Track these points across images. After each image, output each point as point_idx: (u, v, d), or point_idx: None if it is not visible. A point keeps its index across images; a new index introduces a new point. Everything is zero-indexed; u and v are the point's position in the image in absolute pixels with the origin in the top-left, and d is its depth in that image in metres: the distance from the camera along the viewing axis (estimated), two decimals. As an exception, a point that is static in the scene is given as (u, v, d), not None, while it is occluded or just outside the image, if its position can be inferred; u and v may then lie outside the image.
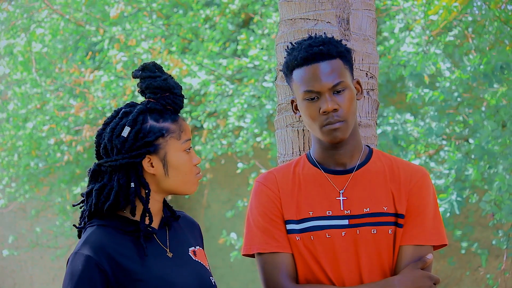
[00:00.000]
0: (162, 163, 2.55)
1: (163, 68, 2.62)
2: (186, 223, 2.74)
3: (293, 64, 2.67)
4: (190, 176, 2.58)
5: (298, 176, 2.75)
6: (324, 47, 2.65)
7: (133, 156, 2.52)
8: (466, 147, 5.95)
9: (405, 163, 2.76)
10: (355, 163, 2.73)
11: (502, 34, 5.76)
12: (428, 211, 2.70)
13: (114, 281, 2.46)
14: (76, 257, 2.47)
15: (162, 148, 2.54)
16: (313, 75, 2.64)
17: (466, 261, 7.28)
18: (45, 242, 9.34)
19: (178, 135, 2.56)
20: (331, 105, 2.61)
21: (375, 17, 3.14)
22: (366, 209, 2.68)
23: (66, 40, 8.49)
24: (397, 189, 2.70)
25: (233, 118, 6.92)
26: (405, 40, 6.22)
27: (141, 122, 2.53)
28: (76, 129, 8.10)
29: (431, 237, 2.69)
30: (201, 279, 2.60)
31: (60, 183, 8.50)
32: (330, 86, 2.63)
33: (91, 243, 2.48)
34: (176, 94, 2.58)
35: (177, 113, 2.60)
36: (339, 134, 2.64)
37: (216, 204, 8.79)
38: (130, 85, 7.47)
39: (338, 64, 2.65)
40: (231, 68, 7.10)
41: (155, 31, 7.59)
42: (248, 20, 7.95)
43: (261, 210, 2.73)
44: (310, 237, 2.68)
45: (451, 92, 5.96)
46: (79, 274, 2.44)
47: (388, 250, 2.68)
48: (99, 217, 2.56)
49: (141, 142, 2.52)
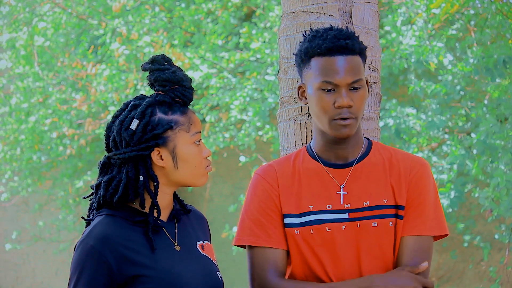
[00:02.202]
0: (172, 155, 2.55)
1: (172, 61, 2.61)
2: (195, 217, 2.73)
3: (314, 52, 2.64)
4: (199, 168, 2.58)
5: (298, 170, 2.74)
6: (350, 41, 2.63)
7: (142, 148, 2.52)
8: (468, 141, 5.95)
9: (405, 154, 2.76)
10: (356, 156, 2.73)
11: (504, 28, 5.75)
12: (428, 202, 2.70)
13: (117, 272, 2.46)
14: (82, 246, 2.48)
15: (171, 141, 2.54)
16: (334, 67, 2.62)
17: (469, 254, 7.29)
18: (48, 236, 9.35)
19: (187, 127, 2.56)
20: (347, 100, 2.61)
21: (377, 10, 3.14)
22: (366, 203, 2.67)
23: (68, 34, 8.49)
24: (397, 181, 2.70)
25: (236, 111, 6.92)
26: (407, 34, 6.22)
27: (150, 115, 2.53)
28: (79, 122, 8.10)
29: (432, 227, 2.69)
30: (208, 274, 2.60)
31: (63, 177, 8.51)
32: (349, 81, 2.62)
33: (96, 233, 2.48)
34: (185, 87, 2.58)
35: (186, 106, 2.59)
36: (347, 130, 2.63)
37: (219, 197, 8.80)
38: (132, 78, 7.48)
39: (359, 61, 2.65)
40: (233, 61, 7.10)
41: (157, 24, 7.59)
42: (250, 13, 7.94)
43: (257, 203, 2.73)
44: (309, 231, 2.67)
45: (453, 86, 5.96)
46: (83, 264, 2.46)
47: (389, 243, 2.68)
48: (109, 207, 2.56)
49: (150, 134, 2.52)
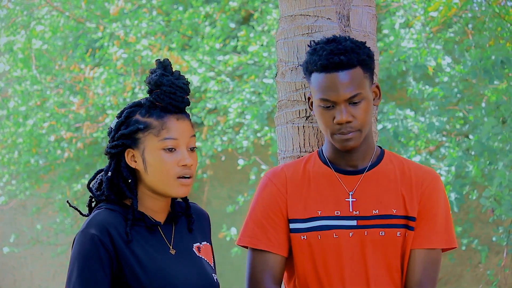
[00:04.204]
0: (142, 158, 2.54)
1: (170, 66, 2.59)
2: (196, 216, 2.70)
3: (312, 68, 2.65)
4: (167, 177, 2.53)
5: (308, 174, 2.73)
6: (345, 56, 2.60)
7: (113, 146, 2.56)
8: (466, 143, 5.95)
9: (417, 165, 2.75)
10: (367, 164, 2.72)
11: (502, 31, 5.76)
12: (440, 215, 2.69)
13: (115, 261, 2.47)
14: (82, 235, 2.47)
15: (141, 143, 2.53)
16: (330, 84, 2.61)
17: (467, 257, 7.29)
18: (46, 239, 9.34)
19: (157, 131, 2.52)
20: (345, 116, 2.59)
21: (375, 14, 3.14)
22: (375, 211, 2.66)
23: (66, 37, 8.49)
24: (408, 192, 2.68)
25: (234, 114, 6.92)
26: (405, 37, 6.22)
27: (127, 116, 2.55)
28: (77, 126, 8.10)
29: (442, 240, 2.68)
30: (203, 276, 2.59)
31: (61, 180, 8.50)
32: (346, 97, 2.60)
33: (97, 222, 2.49)
34: (165, 92, 2.54)
35: (168, 111, 2.55)
36: (351, 143, 2.63)
37: (217, 200, 8.79)
38: (130, 82, 7.48)
39: (358, 74, 2.62)
40: (231, 64, 7.10)
41: (155, 28, 7.59)
42: (248, 16, 7.94)
43: (262, 206, 2.72)
44: (317, 237, 2.65)
45: (451, 88, 5.96)
46: (86, 252, 2.45)
47: (396, 253, 2.66)
48: (107, 202, 2.58)
49: (119, 134, 2.54)
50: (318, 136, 2.99)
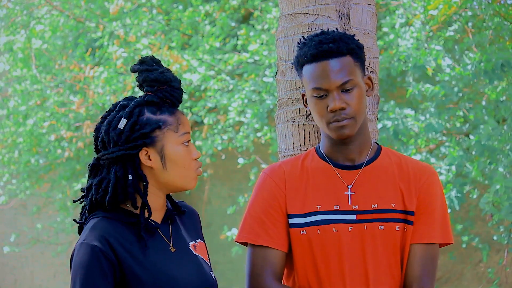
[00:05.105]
0: (160, 155, 2.53)
1: (161, 62, 2.60)
2: (187, 215, 2.71)
3: (303, 60, 2.67)
4: (188, 170, 2.56)
5: (306, 170, 2.74)
6: (334, 44, 2.63)
7: (129, 148, 2.51)
8: (466, 142, 5.94)
9: (414, 161, 2.76)
10: (364, 159, 2.73)
11: (502, 30, 5.75)
12: (437, 210, 2.70)
13: (119, 270, 2.45)
14: (83, 247, 2.45)
15: (159, 141, 2.52)
16: (321, 72, 2.63)
17: (467, 255, 7.29)
18: (46, 238, 9.35)
19: (175, 127, 2.54)
20: (338, 103, 2.61)
21: (375, 12, 3.13)
22: (374, 205, 2.67)
23: (66, 37, 8.49)
24: (406, 186, 2.69)
25: (234, 113, 6.92)
26: (405, 36, 6.21)
27: (138, 114, 2.52)
28: (77, 125, 8.10)
29: (439, 235, 2.69)
30: (202, 274, 2.59)
31: (61, 180, 8.50)
32: (338, 84, 2.62)
33: (96, 233, 2.46)
34: (174, 87, 2.56)
35: (175, 106, 2.58)
36: (346, 131, 2.63)
37: (217, 199, 8.80)
38: (130, 81, 7.47)
39: (348, 62, 2.64)
40: (231, 63, 7.10)
41: (155, 27, 7.59)
42: (248, 15, 7.94)
43: (261, 202, 2.72)
44: (317, 231, 2.66)
45: (451, 87, 5.95)
46: (88, 264, 2.43)
47: (395, 247, 2.67)
48: (103, 210, 2.55)
49: (137, 133, 2.51)
50: (319, 134, 2.99)
